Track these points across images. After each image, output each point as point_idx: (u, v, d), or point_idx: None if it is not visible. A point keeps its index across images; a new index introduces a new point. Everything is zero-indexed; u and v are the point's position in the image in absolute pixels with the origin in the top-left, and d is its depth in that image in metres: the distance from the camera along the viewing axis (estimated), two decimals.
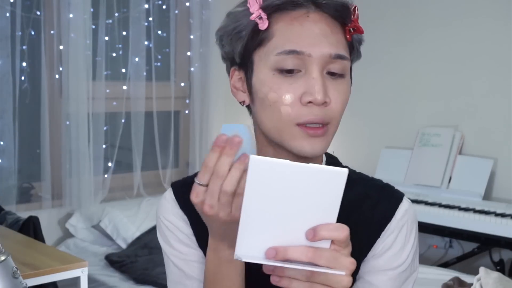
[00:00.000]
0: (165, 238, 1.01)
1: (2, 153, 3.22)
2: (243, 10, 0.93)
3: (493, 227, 3.07)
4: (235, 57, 0.95)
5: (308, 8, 0.91)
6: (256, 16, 0.90)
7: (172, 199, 1.02)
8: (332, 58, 0.90)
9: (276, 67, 0.90)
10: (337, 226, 0.75)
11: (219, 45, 0.98)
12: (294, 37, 0.89)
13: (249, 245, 0.76)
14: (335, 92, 0.91)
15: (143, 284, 2.93)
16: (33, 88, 3.34)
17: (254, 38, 0.92)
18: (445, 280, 2.71)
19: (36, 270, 2.11)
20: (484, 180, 3.35)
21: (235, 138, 0.80)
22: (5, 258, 0.78)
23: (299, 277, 0.75)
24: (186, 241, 1.00)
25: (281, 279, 0.76)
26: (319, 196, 0.74)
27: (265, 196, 0.74)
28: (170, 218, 1.01)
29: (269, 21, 0.90)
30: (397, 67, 3.80)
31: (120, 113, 3.66)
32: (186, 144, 4.02)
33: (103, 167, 3.56)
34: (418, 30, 3.74)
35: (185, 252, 0.99)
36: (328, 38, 0.90)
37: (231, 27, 0.94)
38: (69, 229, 3.40)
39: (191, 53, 3.92)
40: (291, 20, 0.90)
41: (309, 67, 0.89)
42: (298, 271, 0.75)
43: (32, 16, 3.29)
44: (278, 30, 0.90)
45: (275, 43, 0.90)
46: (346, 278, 0.75)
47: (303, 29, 0.89)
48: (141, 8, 3.62)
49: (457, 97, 3.60)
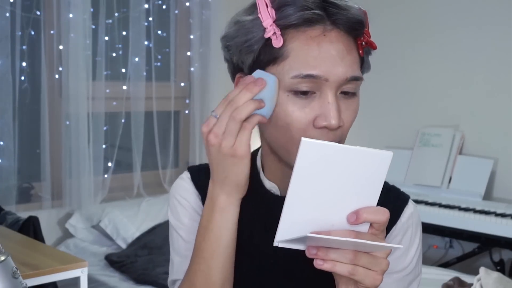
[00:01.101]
0: (176, 215, 1.04)
1: (2, 153, 3.22)
2: (252, 19, 0.88)
3: (493, 227, 3.07)
4: (243, 68, 0.92)
5: (324, 25, 0.87)
6: (270, 33, 0.86)
7: (188, 178, 1.05)
8: (348, 81, 0.88)
9: (291, 89, 0.87)
10: (378, 209, 0.77)
11: (223, 50, 0.96)
12: (311, 60, 0.86)
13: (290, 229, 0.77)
14: (347, 112, 0.90)
15: (143, 284, 2.93)
16: (33, 88, 3.34)
17: (267, 54, 0.88)
18: (445, 280, 2.71)
19: (36, 270, 2.11)
20: (484, 180, 3.35)
21: (261, 80, 0.86)
22: (5, 258, 0.78)
23: (342, 260, 0.76)
24: (196, 217, 1.02)
25: (324, 262, 0.76)
26: (363, 179, 0.76)
27: (312, 178, 0.75)
28: (184, 194, 1.04)
29: (283, 38, 0.87)
30: (397, 68, 3.80)
31: (120, 113, 3.66)
32: (186, 144, 4.02)
33: (103, 167, 3.56)
34: (418, 31, 3.74)
35: (195, 227, 1.00)
36: (344, 60, 0.87)
37: (241, 39, 0.90)
38: (69, 229, 3.40)
39: (191, 53, 3.92)
40: (307, 40, 0.86)
41: (324, 90, 0.87)
42: (341, 254, 0.76)
43: (32, 16, 3.29)
44: (294, 50, 0.87)
45: (290, 64, 0.87)
46: (385, 260, 0.78)
47: (320, 51, 0.86)
48: (141, 8, 3.62)
49: (457, 97, 3.60)
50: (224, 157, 0.86)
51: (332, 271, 0.78)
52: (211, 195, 0.91)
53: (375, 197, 0.77)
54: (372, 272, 0.78)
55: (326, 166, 0.75)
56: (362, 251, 0.77)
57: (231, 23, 0.93)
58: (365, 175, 0.76)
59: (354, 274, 0.77)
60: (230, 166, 0.87)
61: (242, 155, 0.86)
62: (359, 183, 0.76)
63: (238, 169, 0.88)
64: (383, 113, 3.82)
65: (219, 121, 0.86)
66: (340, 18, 0.87)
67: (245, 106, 0.85)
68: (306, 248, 0.77)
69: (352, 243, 0.75)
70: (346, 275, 0.77)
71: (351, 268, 0.77)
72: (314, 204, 0.76)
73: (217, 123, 0.86)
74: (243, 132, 0.86)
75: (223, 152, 0.86)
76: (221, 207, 0.90)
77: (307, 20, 0.86)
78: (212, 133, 0.86)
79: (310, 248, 0.77)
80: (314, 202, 0.76)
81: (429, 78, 3.71)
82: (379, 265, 0.78)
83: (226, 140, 0.85)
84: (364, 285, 0.79)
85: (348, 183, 0.76)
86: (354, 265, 0.77)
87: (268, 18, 0.86)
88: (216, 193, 0.90)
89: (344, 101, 0.90)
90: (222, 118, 0.86)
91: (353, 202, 0.77)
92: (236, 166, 0.87)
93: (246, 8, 0.93)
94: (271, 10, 0.87)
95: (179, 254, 1.03)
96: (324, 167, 0.75)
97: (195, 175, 1.05)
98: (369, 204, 0.77)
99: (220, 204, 0.90)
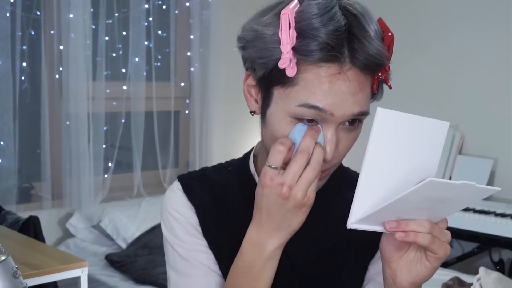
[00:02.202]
0: (170, 229, 1.01)
1: (2, 153, 3.22)
2: (272, 35, 0.85)
3: (493, 227, 3.07)
4: (254, 74, 0.90)
5: (342, 64, 0.84)
6: (285, 64, 0.83)
7: (179, 189, 1.02)
8: (354, 116, 0.87)
9: (295, 116, 0.86)
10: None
11: (240, 48, 0.92)
12: (319, 93, 0.84)
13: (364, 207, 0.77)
14: (345, 142, 0.90)
15: (143, 284, 2.93)
16: (33, 88, 3.34)
17: (279, 74, 0.85)
18: (445, 280, 2.71)
19: (36, 270, 2.11)
20: (484, 180, 3.35)
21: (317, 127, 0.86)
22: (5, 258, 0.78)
23: (421, 229, 0.79)
24: (192, 230, 1.00)
25: (407, 234, 0.78)
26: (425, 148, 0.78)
27: (385, 150, 0.76)
28: (178, 208, 1.01)
29: (298, 67, 0.84)
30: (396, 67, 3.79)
31: (120, 113, 3.65)
32: (186, 144, 4.02)
33: (103, 167, 3.56)
34: (418, 31, 3.74)
35: (191, 242, 0.99)
36: (355, 97, 0.85)
37: (256, 52, 0.87)
38: (69, 229, 3.40)
39: (191, 53, 3.91)
40: (320, 76, 0.84)
41: (326, 123, 0.86)
42: (420, 223, 0.78)
43: (32, 16, 3.29)
44: (304, 80, 0.84)
45: (297, 92, 0.85)
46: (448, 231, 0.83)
47: (330, 87, 0.84)
48: (141, 8, 3.62)
49: (457, 97, 3.60)
50: (294, 209, 0.85)
51: (413, 242, 0.79)
52: (258, 242, 0.88)
53: (435, 165, 0.79)
54: (443, 242, 0.81)
55: (397, 137, 0.76)
56: (435, 217, 0.79)
57: (248, 28, 0.90)
58: (426, 144, 0.78)
59: (433, 243, 0.79)
60: (297, 215, 0.86)
61: (312, 203, 0.86)
62: (421, 152, 0.78)
63: (303, 217, 0.87)
64: None
65: (293, 170, 0.84)
66: (359, 58, 0.84)
67: (320, 151, 0.85)
68: (385, 223, 0.79)
69: (436, 194, 0.75)
70: (426, 245, 0.79)
71: (431, 237, 0.79)
72: (385, 178, 0.77)
73: (291, 175, 0.84)
74: (316, 179, 0.85)
75: (295, 203, 0.85)
76: (272, 255, 0.89)
77: (327, 58, 0.83)
78: (286, 185, 0.84)
79: (389, 222, 0.78)
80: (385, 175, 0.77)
81: (429, 78, 3.71)
82: (446, 235, 0.82)
83: (302, 191, 0.84)
84: (438, 255, 0.81)
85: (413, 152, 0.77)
86: (432, 235, 0.79)
87: (287, 43, 0.82)
88: (268, 242, 0.88)
89: (345, 132, 0.89)
90: (297, 168, 0.84)
91: (417, 172, 0.78)
92: (303, 215, 0.87)
93: (266, 9, 0.89)
94: (292, 32, 0.83)
95: (176, 270, 1.00)
96: (395, 138, 0.76)
97: (187, 185, 1.02)
98: (430, 174, 0.79)
99: (271, 253, 0.89)
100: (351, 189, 1.01)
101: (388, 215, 0.77)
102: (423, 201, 0.75)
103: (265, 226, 0.88)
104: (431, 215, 0.78)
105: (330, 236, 0.99)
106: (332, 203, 1.00)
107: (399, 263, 0.84)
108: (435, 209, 0.78)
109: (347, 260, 0.99)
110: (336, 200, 1.00)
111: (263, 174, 0.85)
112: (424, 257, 0.83)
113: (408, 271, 0.84)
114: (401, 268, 0.84)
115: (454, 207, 0.79)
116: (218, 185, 1.02)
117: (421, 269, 0.83)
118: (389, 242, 0.84)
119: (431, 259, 0.82)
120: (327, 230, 0.99)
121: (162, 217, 1.02)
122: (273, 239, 0.88)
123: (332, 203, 1.00)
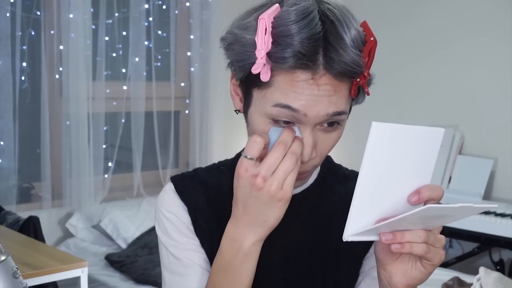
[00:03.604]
0: (164, 229, 1.01)
1: (2, 153, 3.22)
2: (250, 39, 0.86)
3: (493, 227, 3.07)
4: (236, 74, 0.92)
5: (315, 70, 0.84)
6: (259, 67, 0.83)
7: (172, 190, 1.02)
8: (330, 116, 0.86)
9: (271, 117, 0.87)
10: (434, 186, 0.81)
11: (224, 50, 0.94)
12: (291, 95, 0.84)
13: (359, 220, 0.77)
14: (323, 143, 0.90)
15: (143, 284, 2.93)
16: (33, 88, 3.34)
17: (254, 76, 0.86)
18: (445, 280, 2.71)
19: (36, 270, 2.11)
20: (484, 180, 3.35)
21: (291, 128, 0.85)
22: (5, 258, 0.78)
23: (417, 240, 0.79)
24: (184, 230, 1.00)
25: (402, 245, 0.78)
26: (419, 157, 0.77)
27: (380, 162, 0.76)
28: (170, 208, 1.01)
29: (272, 72, 0.85)
30: (396, 68, 3.80)
31: (120, 113, 3.66)
32: (186, 144, 4.02)
33: (103, 167, 3.56)
34: (418, 31, 3.74)
35: (183, 242, 0.99)
36: (329, 98, 0.85)
37: (235, 57, 0.89)
38: (69, 229, 3.40)
39: (191, 53, 3.92)
40: (292, 80, 0.84)
41: (302, 124, 0.87)
42: (415, 234, 0.78)
43: (32, 16, 3.29)
44: (277, 82, 0.85)
45: (272, 93, 0.86)
46: (443, 236, 0.83)
47: (302, 91, 0.84)
48: (141, 8, 3.62)
49: (457, 97, 3.60)
50: (270, 201, 0.84)
51: (409, 253, 0.80)
52: (235, 237, 0.88)
53: (429, 174, 0.79)
54: (438, 249, 0.82)
55: (392, 149, 0.75)
56: (431, 226, 0.79)
57: (229, 31, 0.91)
58: (421, 153, 0.77)
59: (428, 252, 0.80)
60: (274, 210, 0.84)
61: (289, 198, 0.85)
62: (416, 162, 0.77)
63: (280, 213, 0.85)
64: (383, 113, 3.82)
65: (269, 162, 0.83)
66: (333, 66, 0.84)
67: (298, 143, 0.84)
68: (381, 235, 0.79)
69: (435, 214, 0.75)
70: (422, 254, 0.80)
71: (426, 247, 0.79)
72: (380, 191, 0.77)
73: (266, 165, 0.83)
74: (293, 171, 0.84)
75: (270, 196, 0.83)
76: (248, 251, 0.88)
77: (300, 66, 0.83)
78: (260, 176, 0.83)
79: (385, 234, 0.78)
80: (380, 188, 0.77)
81: (429, 78, 3.71)
82: (441, 241, 0.82)
83: (276, 183, 0.83)
84: (433, 262, 0.82)
85: (408, 163, 0.77)
86: (427, 244, 0.79)
87: (262, 48, 0.83)
88: (247, 237, 0.87)
89: (323, 133, 0.89)
90: (273, 159, 0.83)
91: (412, 182, 0.78)
92: (280, 210, 0.85)
93: (249, 12, 0.91)
94: (268, 38, 0.83)
95: (169, 271, 1.00)
96: (390, 150, 0.75)
97: (179, 185, 1.02)
98: (424, 182, 0.79)
99: (247, 249, 0.88)
100: (343, 185, 1.02)
101: (384, 228, 0.78)
102: (421, 218, 0.76)
103: (241, 220, 0.87)
104: (427, 226, 0.79)
105: (323, 232, 1.00)
106: (324, 199, 1.01)
107: (394, 265, 0.85)
108: (431, 222, 0.79)
109: (341, 255, 0.99)
110: (328, 196, 1.01)
111: (239, 164, 0.86)
112: (420, 263, 0.83)
113: (403, 274, 0.84)
114: (396, 271, 0.85)
115: (450, 220, 0.81)
116: (211, 184, 1.03)
117: (416, 273, 0.84)
118: (383, 247, 0.84)
119: (426, 265, 0.83)
120: (319, 226, 1.00)
121: (156, 218, 1.03)
122: (249, 234, 0.87)
123: (324, 199, 1.01)
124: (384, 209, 0.77)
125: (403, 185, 0.78)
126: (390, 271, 0.85)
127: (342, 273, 1.00)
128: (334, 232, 0.98)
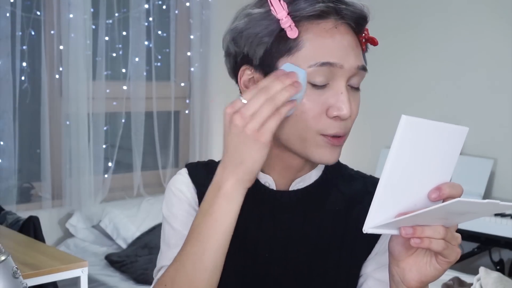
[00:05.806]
0: (170, 206, 1.03)
1: (2, 153, 3.23)
2: (264, 12, 0.90)
3: (493, 227, 3.07)
4: (252, 58, 0.92)
5: (335, 18, 0.90)
6: (286, 24, 0.88)
7: (186, 172, 1.05)
8: (359, 70, 0.91)
9: (307, 80, 0.88)
10: (455, 184, 0.81)
11: (229, 43, 0.95)
12: (326, 49, 0.88)
13: (380, 213, 0.77)
14: (353, 104, 0.92)
15: (143, 284, 2.93)
16: (33, 88, 3.35)
17: (281, 45, 0.89)
18: (445, 280, 2.71)
19: (36, 270, 2.11)
20: (484, 180, 3.35)
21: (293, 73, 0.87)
22: (5, 258, 0.78)
23: (436, 236, 0.79)
24: (188, 208, 1.02)
25: (422, 240, 0.78)
26: (442, 154, 0.78)
27: (406, 158, 0.76)
28: (180, 186, 1.03)
29: (298, 29, 0.88)
30: (396, 67, 3.80)
31: (120, 113, 3.66)
32: (186, 144, 4.02)
33: (103, 167, 3.56)
34: (418, 31, 3.74)
35: (184, 216, 1.01)
36: (354, 50, 0.91)
37: (252, 30, 0.91)
38: (69, 229, 3.40)
39: (191, 53, 3.92)
40: (321, 31, 0.89)
41: (336, 80, 0.90)
42: (435, 229, 0.78)
43: (32, 16, 3.29)
44: (309, 40, 0.89)
45: (305, 54, 0.88)
46: (458, 234, 0.82)
47: (334, 41, 0.89)
48: (141, 8, 3.62)
49: (457, 97, 3.60)
50: (245, 140, 0.84)
51: (428, 248, 0.79)
52: (218, 179, 0.89)
53: (451, 171, 0.79)
54: (455, 246, 0.81)
55: (418, 144, 0.76)
56: (449, 223, 0.79)
57: (240, 16, 0.93)
58: (445, 150, 0.78)
59: (446, 248, 0.80)
60: (249, 151, 0.85)
61: (265, 141, 0.85)
62: (439, 158, 0.78)
63: (256, 155, 0.85)
64: (383, 113, 3.82)
65: (250, 103, 0.84)
66: (347, 14, 0.90)
67: (284, 91, 0.85)
68: (401, 229, 0.78)
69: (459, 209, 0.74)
70: (439, 251, 0.80)
71: (444, 243, 0.79)
72: (403, 185, 0.77)
73: (247, 105, 0.84)
74: (273, 118, 0.84)
75: (245, 134, 0.84)
76: (227, 192, 0.87)
77: (320, 13, 0.89)
78: (239, 113, 0.84)
79: (405, 229, 0.78)
80: (404, 182, 0.77)
81: (429, 78, 3.71)
82: (457, 238, 0.82)
83: (253, 123, 0.84)
84: (448, 259, 0.82)
85: (432, 159, 0.77)
86: (445, 241, 0.79)
87: (282, 10, 0.88)
88: (225, 178, 0.88)
89: (352, 94, 0.92)
90: (254, 101, 0.84)
91: (433, 179, 0.78)
92: (256, 152, 0.85)
93: (255, 1, 0.94)
94: (283, 3, 0.88)
95: (167, 244, 1.01)
96: (417, 145, 0.76)
97: (193, 171, 1.05)
98: (445, 179, 0.80)
99: (226, 190, 0.87)
100: (348, 184, 1.02)
101: (404, 222, 0.77)
102: (443, 213, 0.76)
103: (223, 161, 0.89)
104: (446, 222, 0.79)
105: (324, 228, 1.00)
106: (328, 196, 1.01)
107: (408, 262, 0.84)
108: (451, 219, 0.78)
109: (341, 254, 0.99)
110: (332, 193, 1.01)
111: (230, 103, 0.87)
112: (435, 260, 0.83)
113: (417, 270, 0.84)
114: (410, 267, 0.84)
115: (471, 218, 0.80)
116: None
117: (430, 270, 0.84)
118: (398, 242, 0.84)
119: (441, 262, 0.83)
120: (321, 222, 1.00)
121: (165, 197, 1.05)
122: (227, 175, 0.87)
123: (328, 196, 1.01)
124: (404, 204, 0.77)
125: (424, 181, 0.78)
126: (404, 267, 0.85)
127: (341, 272, 1.00)
128: (336, 230, 0.99)
